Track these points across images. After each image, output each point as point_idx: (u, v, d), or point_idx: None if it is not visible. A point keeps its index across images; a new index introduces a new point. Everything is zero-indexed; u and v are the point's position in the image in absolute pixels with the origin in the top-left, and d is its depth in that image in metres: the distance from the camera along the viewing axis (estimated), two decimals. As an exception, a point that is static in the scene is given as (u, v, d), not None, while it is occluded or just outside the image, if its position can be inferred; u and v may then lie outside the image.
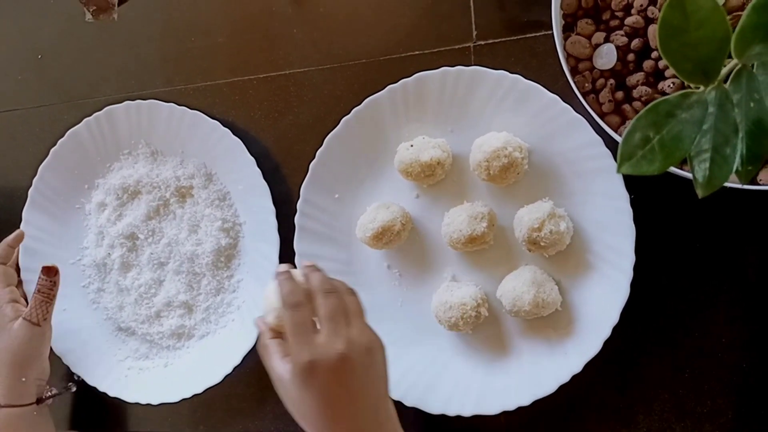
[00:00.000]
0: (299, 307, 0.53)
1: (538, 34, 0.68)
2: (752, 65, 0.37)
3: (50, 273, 0.73)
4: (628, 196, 0.61)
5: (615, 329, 0.61)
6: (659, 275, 0.64)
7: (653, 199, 0.64)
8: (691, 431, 0.64)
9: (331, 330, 0.52)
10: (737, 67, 0.37)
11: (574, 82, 0.54)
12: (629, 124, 0.53)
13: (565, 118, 0.63)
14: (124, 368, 0.77)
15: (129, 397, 0.75)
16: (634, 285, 0.61)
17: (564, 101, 0.62)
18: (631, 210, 0.61)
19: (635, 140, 0.34)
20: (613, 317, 0.61)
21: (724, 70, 0.36)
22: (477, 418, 0.64)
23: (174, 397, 0.73)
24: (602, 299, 0.62)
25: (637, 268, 0.61)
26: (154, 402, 0.74)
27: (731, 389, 0.63)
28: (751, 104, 0.36)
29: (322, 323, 0.53)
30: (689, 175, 0.51)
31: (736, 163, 0.35)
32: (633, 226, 0.61)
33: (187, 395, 0.73)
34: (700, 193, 0.35)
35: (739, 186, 0.49)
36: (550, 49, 0.67)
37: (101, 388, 0.76)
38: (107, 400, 0.80)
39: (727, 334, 0.63)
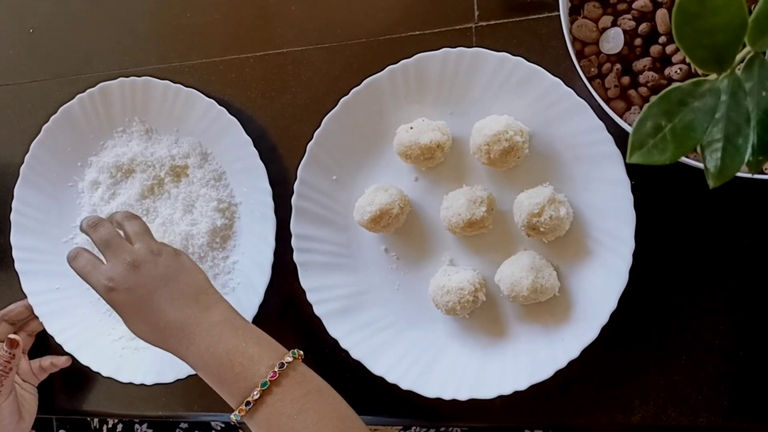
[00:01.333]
0: (78, 255, 0.63)
1: (541, 15, 0.67)
2: (764, 53, 0.36)
3: (12, 345, 0.73)
4: (629, 182, 0.60)
5: (613, 315, 0.61)
6: (659, 262, 0.64)
7: (654, 186, 0.64)
8: (687, 418, 0.64)
9: (114, 252, 0.62)
10: (749, 55, 0.36)
11: (580, 67, 0.53)
12: (639, 111, 0.52)
13: (567, 102, 0.62)
14: (118, 348, 0.77)
15: (123, 377, 0.75)
16: (633, 272, 0.60)
17: (567, 85, 0.62)
18: (631, 196, 0.60)
19: (647, 129, 0.34)
20: (611, 304, 0.61)
21: (736, 58, 0.36)
22: (473, 402, 0.64)
23: (168, 378, 0.73)
24: (601, 285, 0.62)
25: (636, 255, 0.60)
26: (148, 382, 0.74)
27: (728, 377, 0.63)
28: (763, 93, 0.36)
29: (101, 252, 0.63)
30: (693, 163, 0.51)
31: (747, 153, 0.35)
32: (633, 212, 0.60)
33: (182, 375, 0.72)
34: (711, 183, 0.34)
35: (745, 175, 0.49)
36: (554, 32, 0.67)
37: (94, 368, 0.76)
38: (101, 380, 0.80)
39: (724, 322, 0.63)
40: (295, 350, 0.60)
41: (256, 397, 0.56)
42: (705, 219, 0.63)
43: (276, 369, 0.57)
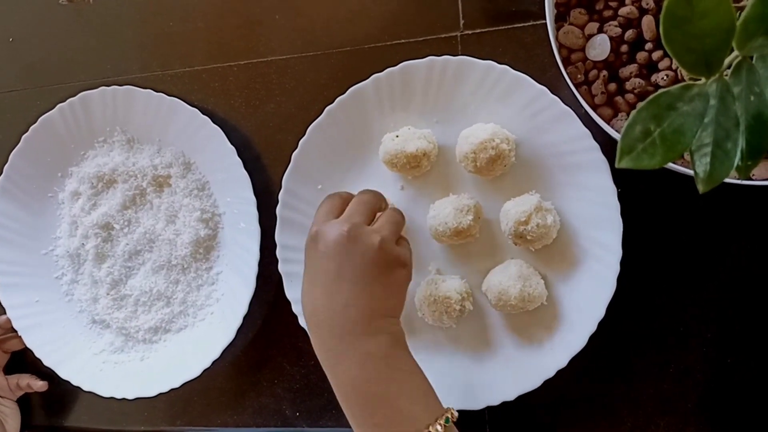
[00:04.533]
0: (332, 197, 0.59)
1: (526, 24, 0.67)
2: (751, 58, 0.36)
3: None
4: (615, 189, 0.60)
5: (601, 324, 0.61)
6: (646, 270, 0.64)
7: (641, 194, 0.63)
8: (676, 427, 0.64)
9: (348, 215, 0.56)
10: (737, 60, 0.36)
11: (567, 73, 0.53)
12: (628, 116, 0.52)
13: (553, 110, 0.62)
14: (99, 362, 0.75)
15: (104, 391, 0.73)
16: (621, 280, 0.60)
17: (552, 93, 0.61)
18: (618, 204, 0.60)
19: (635, 133, 0.33)
20: (599, 312, 0.61)
21: (724, 63, 0.35)
22: (460, 413, 0.63)
23: (151, 392, 0.72)
24: (588, 294, 0.62)
25: (623, 263, 0.60)
26: (130, 396, 0.72)
27: (716, 385, 0.63)
28: (751, 98, 0.35)
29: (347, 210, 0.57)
30: (680, 169, 0.51)
31: (737, 158, 0.34)
32: (620, 220, 0.60)
33: (165, 389, 0.71)
34: (701, 188, 0.34)
35: (733, 181, 0.48)
36: (539, 40, 0.67)
37: (75, 382, 0.74)
38: (81, 395, 0.78)
39: (712, 330, 0.63)
40: (450, 413, 0.52)
41: None
42: (692, 226, 0.63)
43: None
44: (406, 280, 0.57)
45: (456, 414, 0.53)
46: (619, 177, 0.60)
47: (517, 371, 0.63)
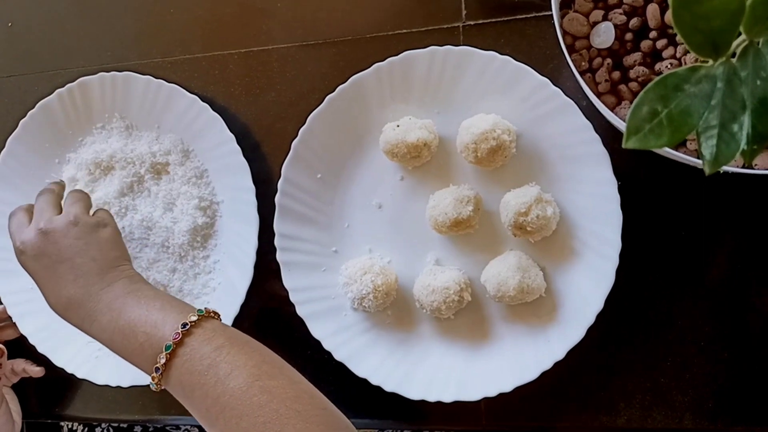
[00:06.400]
0: (15, 213, 0.66)
1: (528, 15, 0.67)
2: (758, 42, 0.36)
3: None
4: (615, 182, 0.60)
5: (599, 316, 0.61)
6: (645, 263, 0.64)
7: (641, 186, 0.63)
8: (672, 420, 0.63)
9: (35, 219, 0.63)
10: (744, 43, 0.36)
11: (571, 60, 0.53)
12: (629, 106, 0.52)
13: (555, 101, 0.62)
14: (93, 349, 0.74)
15: (98, 379, 0.73)
16: (620, 272, 0.60)
17: (554, 85, 0.61)
18: (618, 196, 0.60)
19: (643, 113, 0.33)
20: (597, 304, 0.61)
21: (732, 46, 0.35)
22: (457, 404, 0.63)
23: (145, 380, 0.70)
24: (587, 286, 0.62)
25: (622, 255, 0.60)
26: (125, 384, 0.72)
27: (713, 379, 0.63)
28: (758, 82, 0.35)
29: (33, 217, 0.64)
30: (682, 157, 0.51)
31: (743, 141, 0.34)
32: (620, 212, 0.60)
33: (159, 378, 0.71)
34: (706, 170, 0.34)
35: (735, 170, 0.48)
36: (541, 32, 0.67)
37: (69, 370, 0.73)
38: (75, 383, 0.78)
39: (709, 324, 0.63)
40: (204, 308, 0.57)
41: (163, 362, 0.54)
42: (692, 219, 0.63)
43: (179, 330, 0.54)
44: (113, 234, 0.64)
45: (215, 310, 0.58)
46: (619, 170, 0.60)
47: (515, 363, 0.63)
